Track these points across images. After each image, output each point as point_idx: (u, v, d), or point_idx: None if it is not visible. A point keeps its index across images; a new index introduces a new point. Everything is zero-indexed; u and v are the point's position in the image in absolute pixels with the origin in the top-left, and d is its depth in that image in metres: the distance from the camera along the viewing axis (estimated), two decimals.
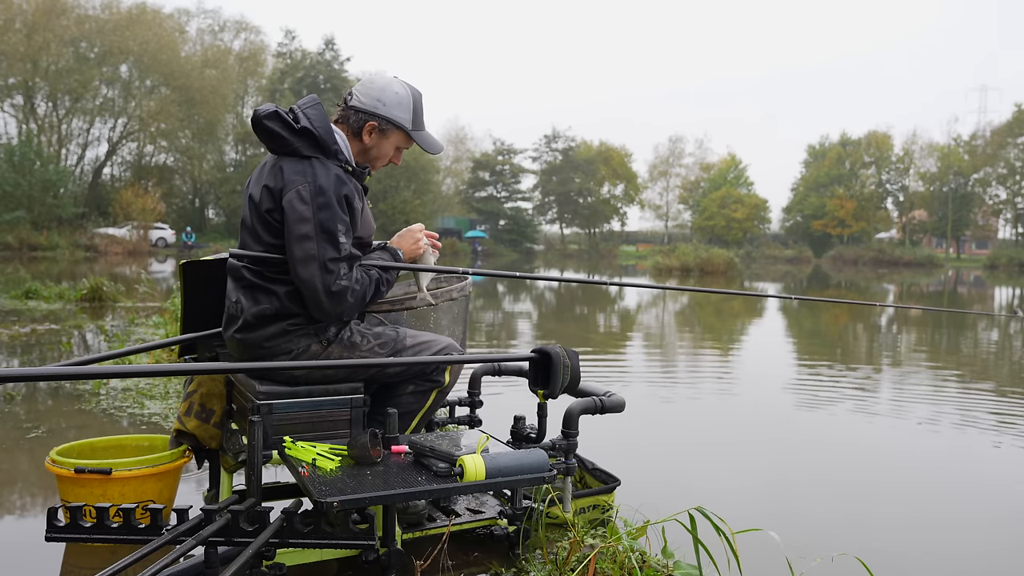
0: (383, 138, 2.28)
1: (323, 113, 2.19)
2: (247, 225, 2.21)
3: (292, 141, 2.13)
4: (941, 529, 2.93)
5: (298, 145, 2.13)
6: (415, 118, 2.30)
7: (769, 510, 3.03)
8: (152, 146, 45.80)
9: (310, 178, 2.09)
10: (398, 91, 2.27)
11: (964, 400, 5.45)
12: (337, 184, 2.11)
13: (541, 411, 2.62)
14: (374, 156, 2.31)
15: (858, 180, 57.75)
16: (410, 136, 2.30)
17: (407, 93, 2.29)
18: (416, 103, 2.31)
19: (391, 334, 2.30)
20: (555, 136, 63.44)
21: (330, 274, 2.05)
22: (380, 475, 1.89)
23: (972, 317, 13.82)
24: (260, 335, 2.16)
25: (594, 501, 2.65)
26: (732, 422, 4.65)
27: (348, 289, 2.08)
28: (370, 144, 2.28)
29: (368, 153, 2.30)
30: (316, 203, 2.06)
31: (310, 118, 2.15)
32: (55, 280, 13.72)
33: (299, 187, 2.08)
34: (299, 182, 2.08)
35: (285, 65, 50.56)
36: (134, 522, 1.89)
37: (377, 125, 2.26)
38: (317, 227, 2.06)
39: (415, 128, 2.31)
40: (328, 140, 2.16)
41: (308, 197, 2.07)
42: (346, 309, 2.11)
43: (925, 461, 3.96)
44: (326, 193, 2.07)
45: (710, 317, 12.84)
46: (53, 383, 4.78)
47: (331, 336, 2.21)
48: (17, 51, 37.37)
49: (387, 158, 2.33)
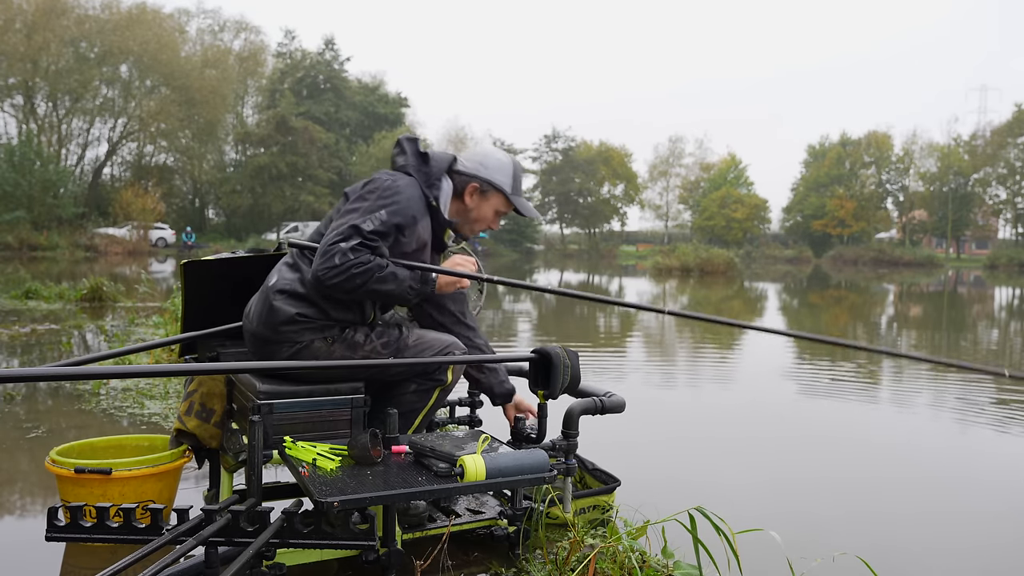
0: (483, 200, 2.39)
1: (446, 159, 2.36)
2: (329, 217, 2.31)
3: (409, 158, 2.31)
4: (943, 525, 2.94)
5: (410, 164, 2.29)
6: (515, 184, 2.42)
7: (769, 509, 3.03)
8: (152, 146, 45.83)
9: (398, 179, 2.22)
10: (500, 158, 2.42)
11: (964, 396, 5.45)
12: (413, 199, 2.20)
13: (541, 411, 2.61)
14: (473, 218, 2.40)
15: (858, 180, 57.74)
16: (509, 199, 2.40)
17: (508, 160, 2.43)
18: (516, 170, 2.43)
19: (394, 333, 2.30)
20: (555, 136, 63.44)
21: (336, 234, 2.08)
22: (380, 475, 1.89)
23: (972, 317, 13.81)
24: (275, 318, 2.16)
25: (594, 501, 2.65)
26: (732, 421, 4.65)
27: (339, 251, 2.05)
28: (471, 205, 2.39)
29: (468, 214, 2.40)
30: (383, 191, 2.17)
31: (434, 154, 2.33)
32: (55, 280, 13.72)
33: (381, 177, 2.23)
34: (383, 177, 2.23)
35: (285, 65, 50.60)
36: (134, 522, 1.89)
37: (479, 187, 2.37)
38: (366, 207, 2.14)
39: (514, 193, 2.41)
40: (434, 175, 2.30)
41: (380, 185, 2.19)
42: (327, 269, 2.04)
43: (926, 457, 3.96)
44: (399, 194, 2.17)
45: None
46: (53, 383, 4.78)
47: (335, 334, 2.22)
48: (17, 51, 37.38)
49: (486, 222, 2.42)
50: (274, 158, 45.07)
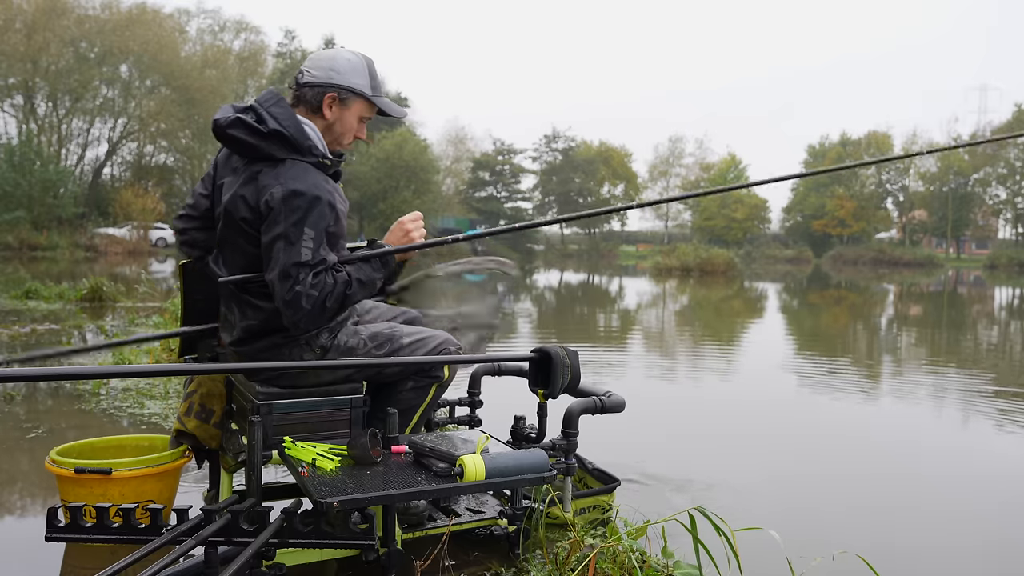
0: (344, 109, 2.15)
1: (288, 109, 2.08)
2: (225, 237, 2.11)
3: (262, 146, 2.02)
4: (943, 524, 2.94)
5: (270, 150, 2.02)
6: (373, 83, 2.19)
7: (770, 508, 3.03)
8: (152, 146, 45.78)
9: (283, 181, 1.98)
10: (349, 58, 2.16)
11: (965, 394, 5.45)
12: (314, 187, 1.99)
13: (541, 411, 2.61)
14: (339, 132, 2.18)
15: (858, 180, 57.72)
16: (371, 101, 2.18)
17: (359, 59, 2.18)
18: (371, 68, 2.19)
19: (386, 333, 2.26)
20: (555, 136, 63.43)
21: (287, 280, 1.93)
22: (380, 475, 1.89)
23: (972, 316, 13.81)
24: (252, 348, 2.15)
25: (594, 501, 2.65)
26: (732, 420, 4.65)
27: (302, 295, 1.93)
28: (332, 118, 2.15)
29: (333, 129, 2.17)
30: (288, 207, 1.95)
31: (277, 118, 2.03)
32: (55, 280, 13.71)
33: (272, 191, 1.97)
34: (272, 186, 1.98)
35: (285, 65, 50.52)
36: (134, 522, 1.89)
37: (336, 96, 2.13)
38: (285, 232, 1.95)
39: (375, 94, 2.19)
40: (300, 137, 2.04)
41: (280, 202, 1.95)
42: (303, 317, 1.96)
43: (926, 455, 3.96)
44: (300, 196, 1.96)
45: (709, 316, 12.84)
46: (53, 383, 4.78)
47: (325, 343, 2.17)
48: (17, 51, 37.34)
49: (352, 132, 2.20)
50: None
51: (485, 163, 60.68)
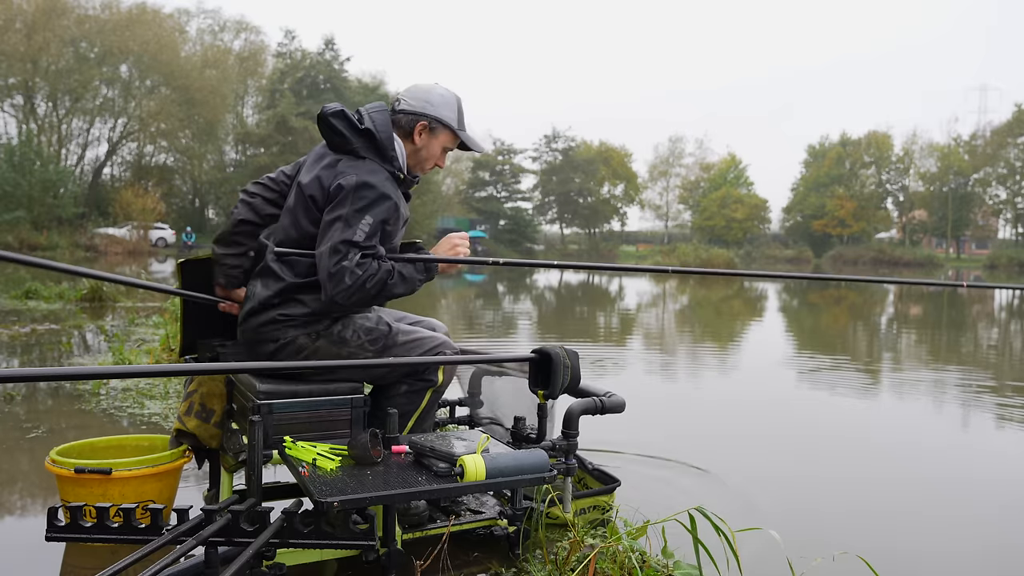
0: (432, 138, 2.36)
1: (387, 119, 2.29)
2: (289, 208, 2.27)
3: (352, 140, 2.22)
4: (943, 525, 2.93)
5: (357, 145, 2.22)
6: (460, 119, 2.40)
7: (770, 508, 3.02)
8: (152, 146, 45.78)
9: (360, 173, 2.16)
10: (443, 93, 2.38)
11: (966, 395, 5.45)
12: (383, 184, 2.16)
13: (541, 411, 2.61)
14: (424, 157, 2.38)
15: (858, 180, 57.77)
16: (457, 134, 2.38)
17: (451, 95, 2.40)
18: (459, 105, 2.41)
19: (382, 330, 2.28)
20: (555, 136, 63.44)
21: (335, 255, 2.07)
22: (380, 475, 1.89)
23: (972, 316, 13.81)
24: (254, 323, 2.22)
25: (594, 502, 2.65)
26: (731, 420, 4.65)
27: (347, 271, 2.06)
28: (421, 144, 2.35)
29: (419, 154, 2.37)
30: (357, 195, 2.12)
31: (375, 121, 2.25)
32: (55, 280, 13.71)
33: (347, 177, 2.15)
34: (348, 174, 2.16)
35: (285, 65, 50.52)
36: (134, 522, 1.89)
37: (427, 124, 2.33)
38: (347, 215, 2.10)
39: (460, 127, 2.39)
40: (387, 145, 2.25)
41: (351, 189, 2.13)
42: (341, 292, 2.07)
43: (926, 456, 3.96)
44: (370, 189, 2.13)
45: (709, 316, 12.84)
46: (53, 383, 4.78)
47: (320, 329, 2.22)
48: (17, 51, 37.35)
49: (434, 160, 2.40)
50: (274, 158, 44.97)
51: (485, 163, 60.67)
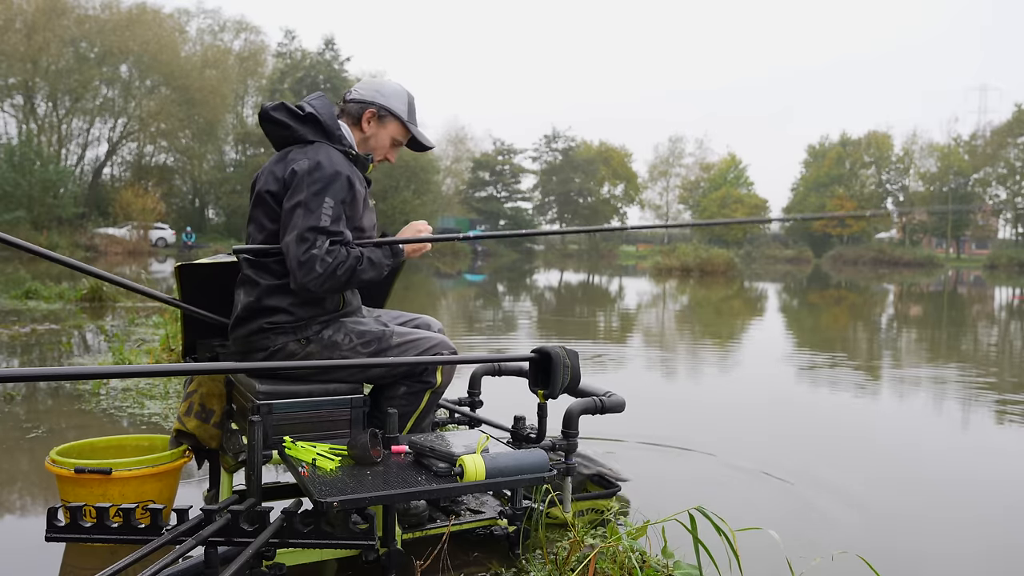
0: (381, 127, 2.36)
1: (328, 103, 2.30)
2: (252, 217, 2.26)
3: (297, 128, 2.24)
4: (944, 525, 2.93)
5: (303, 132, 2.23)
6: (410, 112, 2.40)
7: (770, 508, 3.02)
8: (152, 146, 45.78)
9: (310, 156, 2.16)
10: (394, 86, 2.41)
11: (967, 395, 5.45)
12: (336, 163, 2.15)
13: (541, 411, 2.61)
14: (373, 146, 2.38)
15: (858, 180, 57.79)
16: (406, 126, 2.39)
17: (403, 89, 2.41)
18: (411, 100, 2.42)
19: (376, 332, 2.26)
20: (555, 136, 63.49)
21: (303, 243, 2.05)
22: (380, 475, 1.89)
23: (972, 315, 13.82)
24: (244, 331, 2.21)
25: (594, 504, 2.65)
26: (731, 419, 4.64)
27: (317, 259, 2.04)
28: (369, 133, 2.36)
29: (368, 143, 2.37)
30: (311, 178, 2.11)
31: (315, 107, 2.26)
32: (55, 280, 13.71)
33: (299, 163, 2.15)
34: (300, 159, 2.16)
35: (285, 65, 50.55)
36: (134, 522, 1.89)
37: (376, 112, 2.35)
38: (306, 199, 2.09)
39: (410, 120, 2.40)
40: (332, 126, 2.26)
41: (304, 172, 2.12)
42: (312, 280, 2.05)
43: (927, 456, 3.96)
44: (322, 169, 2.12)
45: (709, 316, 12.84)
46: (53, 383, 4.78)
47: (311, 334, 2.20)
48: (17, 51, 37.35)
49: (384, 150, 2.40)
50: None
51: (485, 163, 60.71)
